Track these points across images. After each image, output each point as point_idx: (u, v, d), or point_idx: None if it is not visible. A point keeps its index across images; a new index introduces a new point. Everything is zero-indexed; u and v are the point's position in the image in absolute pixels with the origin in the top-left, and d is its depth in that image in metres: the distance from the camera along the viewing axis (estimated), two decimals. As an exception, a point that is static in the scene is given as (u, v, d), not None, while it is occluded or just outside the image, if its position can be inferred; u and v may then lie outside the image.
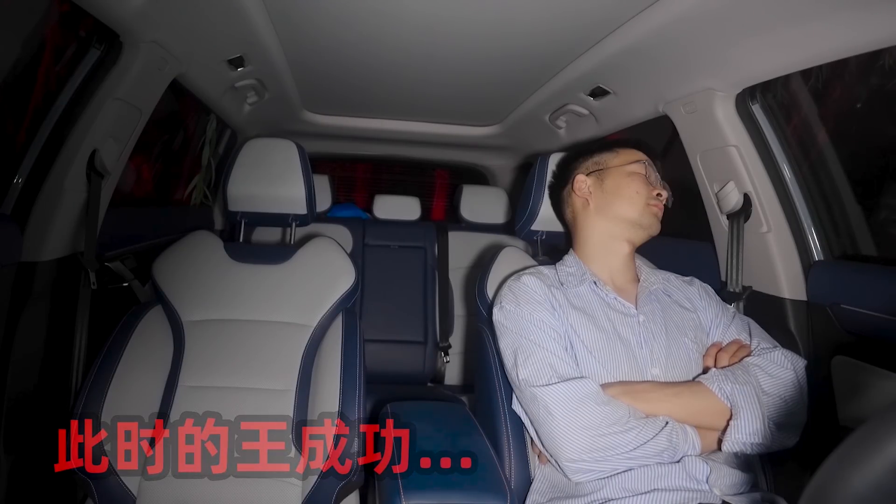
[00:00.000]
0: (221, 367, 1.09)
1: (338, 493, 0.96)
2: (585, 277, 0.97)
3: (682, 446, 0.79)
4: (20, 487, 0.98)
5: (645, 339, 0.90)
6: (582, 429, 0.78)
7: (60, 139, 1.01)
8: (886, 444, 0.31)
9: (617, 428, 0.78)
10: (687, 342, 0.91)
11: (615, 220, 0.98)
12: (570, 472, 0.79)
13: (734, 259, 1.11)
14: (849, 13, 0.76)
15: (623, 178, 0.98)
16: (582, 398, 0.80)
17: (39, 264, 1.00)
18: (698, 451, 0.80)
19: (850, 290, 0.96)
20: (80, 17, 0.99)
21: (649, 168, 0.99)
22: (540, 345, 0.87)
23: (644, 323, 0.91)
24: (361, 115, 1.96)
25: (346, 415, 0.98)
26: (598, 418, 0.78)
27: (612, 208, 0.98)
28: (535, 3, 0.96)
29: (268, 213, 1.34)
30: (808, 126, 1.14)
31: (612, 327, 0.91)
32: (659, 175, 1.00)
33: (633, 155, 1.01)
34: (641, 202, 0.96)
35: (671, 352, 0.89)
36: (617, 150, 1.03)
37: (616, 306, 0.94)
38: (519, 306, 0.92)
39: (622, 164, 1.00)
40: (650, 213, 0.96)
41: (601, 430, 0.77)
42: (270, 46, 1.24)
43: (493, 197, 2.22)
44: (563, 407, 0.79)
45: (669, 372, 0.88)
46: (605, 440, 0.77)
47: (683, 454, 0.79)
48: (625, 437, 0.77)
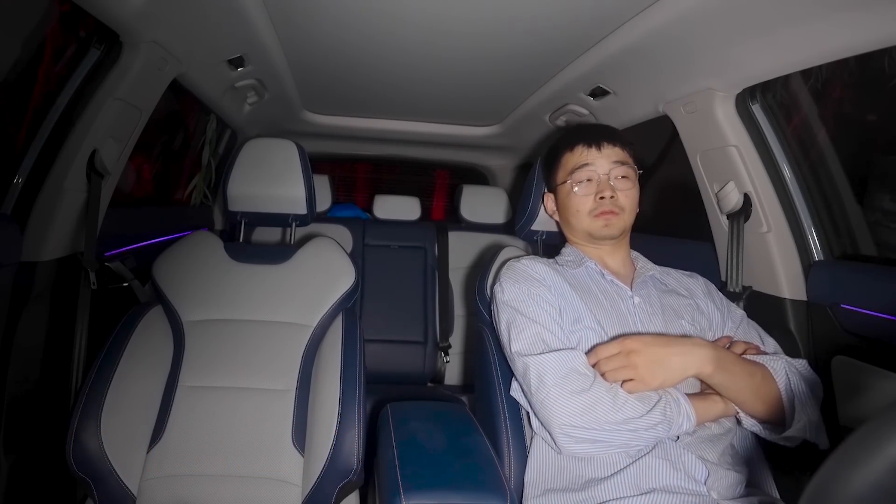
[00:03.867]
0: (221, 367, 1.09)
1: (338, 493, 0.96)
2: (583, 261, 0.99)
3: (677, 419, 0.77)
4: (20, 487, 0.98)
5: (641, 320, 0.91)
6: (573, 393, 0.78)
7: (60, 139, 1.01)
8: (886, 444, 0.31)
9: (608, 396, 0.78)
10: (684, 324, 0.91)
11: (575, 230, 1.01)
12: (564, 442, 0.78)
13: (734, 259, 1.11)
14: (849, 13, 0.76)
15: (565, 196, 1.00)
16: (573, 367, 0.81)
17: (39, 264, 1.00)
18: (693, 423, 0.78)
19: (850, 290, 0.96)
20: (80, 17, 0.99)
21: (590, 169, 0.96)
22: (534, 319, 0.88)
23: (640, 304, 0.93)
24: (361, 115, 1.97)
25: (345, 415, 0.98)
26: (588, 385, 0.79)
27: (569, 222, 1.02)
28: (535, 3, 0.96)
29: (268, 213, 1.34)
30: (808, 126, 1.14)
31: (609, 307, 0.92)
32: (616, 159, 0.96)
33: (570, 162, 0.99)
34: (584, 216, 0.97)
35: (669, 333, 0.89)
36: (560, 160, 1.02)
37: (612, 288, 0.95)
38: (517, 283, 0.94)
39: (562, 180, 1.00)
40: (597, 223, 0.96)
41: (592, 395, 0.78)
42: (270, 46, 1.24)
43: (493, 197, 2.22)
44: (554, 374, 0.80)
45: None
46: (596, 406, 0.77)
47: (678, 427, 0.78)
48: (616, 405, 0.77)
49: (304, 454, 1.02)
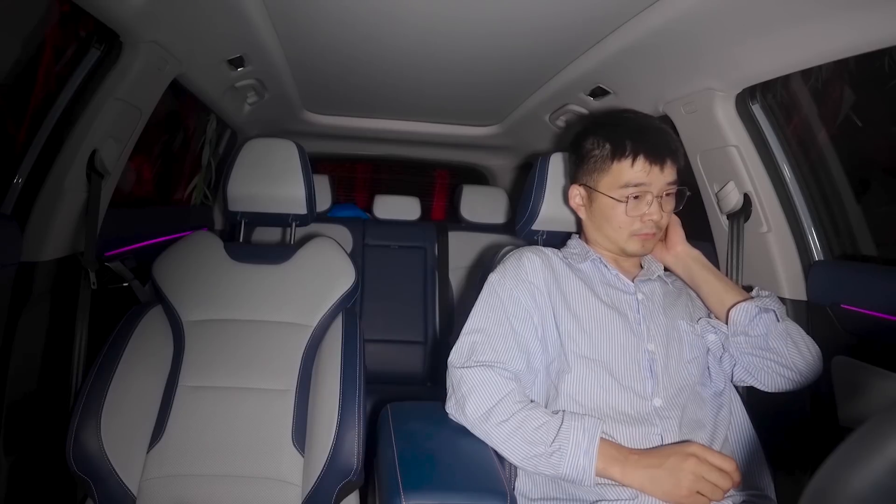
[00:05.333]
0: (221, 367, 1.09)
1: (338, 493, 0.96)
2: (589, 255, 0.98)
3: (568, 451, 0.75)
4: (20, 487, 0.98)
5: (643, 316, 0.91)
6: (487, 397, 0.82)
7: (60, 139, 1.01)
8: (886, 444, 0.31)
9: (513, 401, 0.81)
10: (683, 325, 0.92)
11: (605, 237, 0.97)
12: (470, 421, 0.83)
13: (734, 259, 1.11)
14: (849, 13, 0.76)
15: (608, 206, 0.93)
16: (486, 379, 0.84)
17: (39, 264, 1.00)
18: (590, 475, 0.75)
19: (850, 290, 0.96)
20: (80, 17, 0.99)
21: (646, 188, 0.90)
22: (496, 325, 0.89)
23: (643, 301, 0.93)
24: (361, 115, 1.97)
25: (345, 415, 0.98)
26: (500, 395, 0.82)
27: (601, 228, 0.97)
28: (535, 3, 0.96)
29: (268, 213, 1.34)
30: (808, 126, 1.14)
31: (612, 301, 0.92)
32: (671, 180, 0.91)
33: (624, 175, 0.91)
34: (625, 234, 0.93)
35: (669, 332, 0.90)
36: (610, 165, 0.92)
37: (616, 283, 0.95)
38: (504, 278, 0.93)
39: (608, 190, 0.93)
40: (635, 242, 0.93)
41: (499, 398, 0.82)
42: (270, 46, 1.24)
43: (493, 197, 2.22)
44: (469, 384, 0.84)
45: (663, 348, 0.88)
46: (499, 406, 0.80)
47: (571, 471, 0.75)
48: (511, 409, 0.80)
49: (304, 454, 1.02)
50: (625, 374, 0.85)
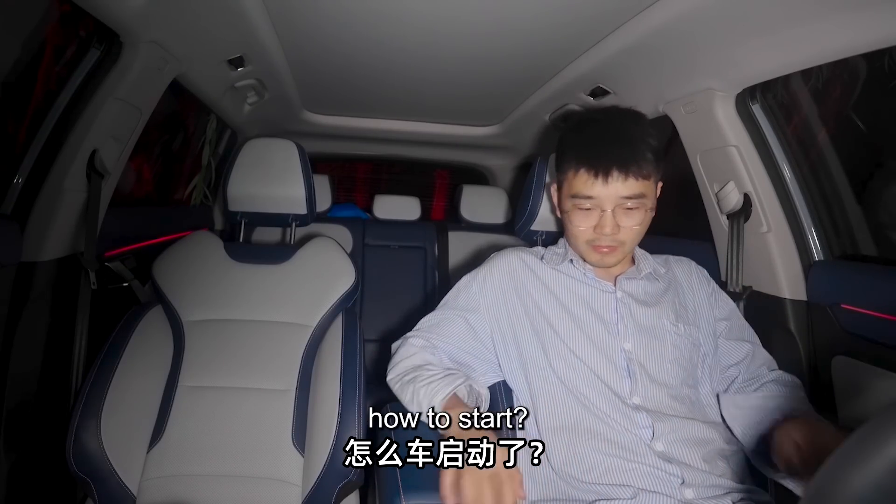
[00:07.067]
0: (221, 367, 1.09)
1: (338, 493, 0.96)
2: (568, 255, 0.97)
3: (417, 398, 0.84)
4: (20, 487, 0.98)
5: (621, 315, 0.90)
6: None
7: (60, 139, 1.01)
8: (886, 444, 0.31)
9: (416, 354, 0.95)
10: (667, 324, 0.90)
11: (570, 239, 0.96)
12: None
13: (734, 259, 1.11)
14: (849, 13, 0.76)
15: (564, 213, 0.93)
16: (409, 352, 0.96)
17: (39, 264, 1.00)
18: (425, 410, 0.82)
19: (850, 290, 0.96)
20: (80, 17, 0.99)
21: (593, 202, 0.86)
22: (446, 320, 0.99)
23: (622, 299, 0.91)
24: (361, 115, 1.97)
25: (345, 415, 0.98)
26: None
27: (566, 230, 0.96)
28: (535, 3, 0.96)
29: (268, 213, 1.34)
30: (808, 126, 1.13)
31: (588, 301, 0.92)
32: (625, 195, 0.85)
33: (573, 185, 0.88)
34: (580, 242, 0.92)
35: (648, 330, 0.89)
36: (565, 172, 0.91)
37: (593, 283, 0.94)
38: (474, 279, 1.01)
39: (569, 195, 0.90)
40: (592, 253, 0.91)
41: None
42: (270, 46, 1.24)
43: (493, 197, 2.22)
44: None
45: (641, 347, 0.87)
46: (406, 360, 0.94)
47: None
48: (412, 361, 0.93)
49: (304, 454, 1.02)
50: (602, 373, 0.85)
